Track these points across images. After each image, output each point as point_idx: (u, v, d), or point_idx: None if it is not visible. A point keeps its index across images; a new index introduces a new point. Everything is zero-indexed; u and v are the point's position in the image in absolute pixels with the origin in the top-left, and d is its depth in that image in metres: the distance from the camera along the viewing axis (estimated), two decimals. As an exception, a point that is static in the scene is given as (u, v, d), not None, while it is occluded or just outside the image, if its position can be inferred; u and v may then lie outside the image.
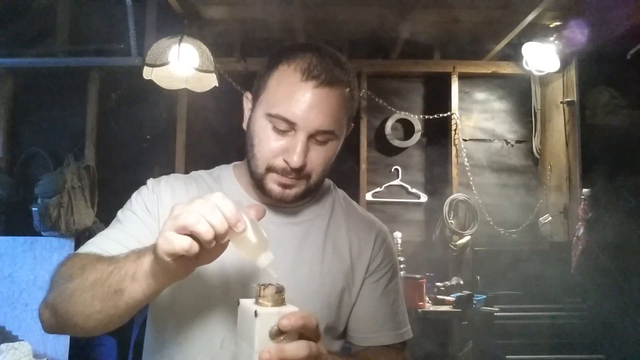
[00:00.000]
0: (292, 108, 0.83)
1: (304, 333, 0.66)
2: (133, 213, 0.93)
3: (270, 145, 0.86)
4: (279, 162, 0.86)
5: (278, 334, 0.65)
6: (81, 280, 0.75)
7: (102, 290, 0.72)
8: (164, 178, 1.00)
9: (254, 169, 0.90)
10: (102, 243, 0.88)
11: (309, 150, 0.86)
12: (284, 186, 0.88)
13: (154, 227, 0.91)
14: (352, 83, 0.90)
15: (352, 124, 0.97)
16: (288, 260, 0.93)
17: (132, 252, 0.75)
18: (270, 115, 0.86)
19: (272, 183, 0.89)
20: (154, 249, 0.67)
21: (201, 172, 1.04)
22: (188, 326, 0.91)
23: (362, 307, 0.99)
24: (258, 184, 0.91)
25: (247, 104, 0.95)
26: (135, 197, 0.97)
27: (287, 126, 0.85)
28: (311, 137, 0.86)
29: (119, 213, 0.96)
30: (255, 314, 0.65)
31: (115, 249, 0.84)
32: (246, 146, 0.92)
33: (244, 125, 0.95)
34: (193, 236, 0.63)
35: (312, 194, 0.97)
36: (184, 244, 0.63)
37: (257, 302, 0.68)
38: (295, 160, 0.84)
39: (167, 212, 0.91)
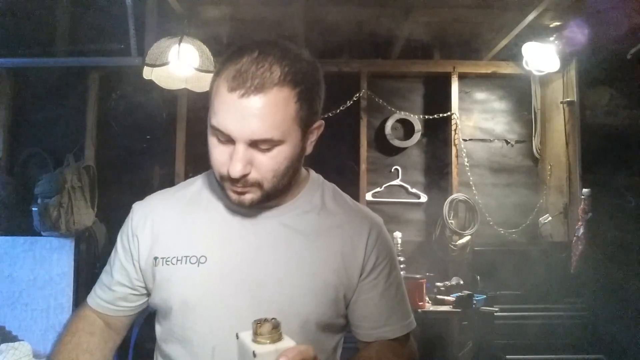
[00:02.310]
0: (224, 120, 0.83)
1: None
2: (119, 259, 1.01)
3: (216, 156, 0.87)
4: (225, 172, 0.86)
5: None
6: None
7: None
8: (146, 201, 1.03)
9: (215, 176, 0.91)
10: (102, 292, 1.02)
11: (253, 159, 0.85)
12: (238, 193, 0.88)
13: (134, 266, 0.98)
14: (299, 80, 0.85)
15: (322, 121, 0.93)
16: (277, 261, 0.92)
17: None
18: (211, 127, 0.86)
19: (229, 190, 0.89)
20: None
21: (188, 181, 1.06)
22: (180, 335, 0.92)
23: (365, 304, 0.98)
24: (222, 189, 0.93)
25: None
26: (121, 231, 1.02)
27: (224, 137, 0.84)
28: (253, 145, 0.84)
29: (113, 252, 1.03)
30: (254, 355, 0.65)
31: (110, 297, 1.00)
32: None
33: None
34: None
35: (276, 197, 0.94)
36: None
37: (254, 340, 0.68)
38: (233, 171, 0.83)
39: (147, 238, 0.97)
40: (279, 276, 0.91)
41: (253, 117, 0.81)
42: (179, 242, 0.94)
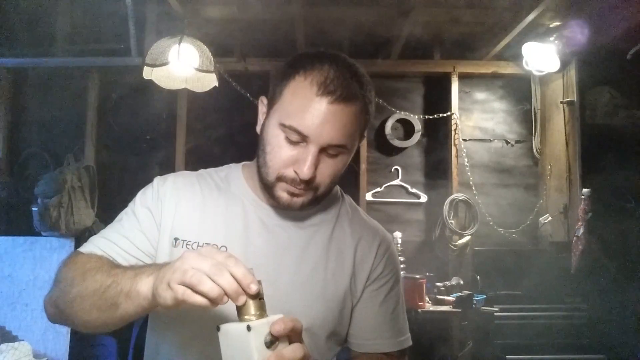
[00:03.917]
0: (306, 121, 0.84)
1: (291, 337, 0.69)
2: (134, 216, 0.95)
3: (281, 155, 0.87)
4: (289, 172, 0.87)
5: (273, 341, 0.67)
6: (82, 288, 0.80)
7: (99, 301, 0.77)
8: (170, 177, 1.01)
9: (264, 175, 0.91)
10: (102, 244, 0.92)
11: (319, 163, 0.87)
12: (293, 195, 0.90)
13: (153, 231, 0.94)
14: (369, 97, 0.90)
15: (365, 136, 0.98)
16: (292, 263, 0.94)
17: (130, 268, 0.79)
18: (283, 126, 0.86)
19: (281, 191, 0.90)
20: (156, 286, 0.70)
21: (210, 170, 1.05)
22: (185, 332, 0.91)
23: (362, 314, 0.99)
24: (267, 189, 0.92)
25: (262, 109, 0.96)
26: (140, 197, 0.98)
27: (299, 138, 0.86)
28: (322, 150, 0.86)
29: (123, 212, 0.98)
30: (249, 328, 0.66)
31: (114, 251, 0.91)
32: (258, 150, 0.93)
33: (258, 129, 0.95)
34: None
35: (319, 202, 0.98)
36: (197, 301, 0.66)
37: (242, 320, 0.68)
38: (305, 172, 0.85)
39: (170, 213, 0.93)
40: (291, 278, 0.92)
41: (336, 123, 0.85)
42: (201, 228, 0.94)
